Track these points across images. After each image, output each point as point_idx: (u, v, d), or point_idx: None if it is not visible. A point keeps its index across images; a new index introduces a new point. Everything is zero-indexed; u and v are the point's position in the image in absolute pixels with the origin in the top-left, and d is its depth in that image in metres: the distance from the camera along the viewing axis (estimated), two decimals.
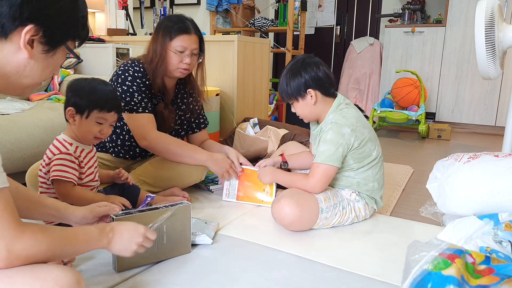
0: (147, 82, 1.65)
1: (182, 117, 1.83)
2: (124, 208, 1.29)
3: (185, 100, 1.82)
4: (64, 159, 1.29)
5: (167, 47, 1.61)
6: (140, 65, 1.66)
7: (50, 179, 1.28)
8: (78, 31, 0.84)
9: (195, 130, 1.92)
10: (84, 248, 0.92)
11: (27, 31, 0.74)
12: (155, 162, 1.72)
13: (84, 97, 1.29)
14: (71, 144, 1.33)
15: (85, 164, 1.36)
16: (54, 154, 1.30)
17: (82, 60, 0.92)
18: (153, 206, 1.23)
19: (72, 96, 1.31)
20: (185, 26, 1.62)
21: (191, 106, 1.85)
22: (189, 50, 1.63)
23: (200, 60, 1.72)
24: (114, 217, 1.11)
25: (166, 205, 1.20)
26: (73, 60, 0.89)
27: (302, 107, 1.53)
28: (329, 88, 1.52)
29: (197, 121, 1.92)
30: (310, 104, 1.50)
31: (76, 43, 0.86)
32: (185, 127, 1.88)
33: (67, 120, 1.35)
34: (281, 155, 1.80)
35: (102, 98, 1.31)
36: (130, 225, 1.01)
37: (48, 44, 0.78)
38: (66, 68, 0.93)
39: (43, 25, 0.76)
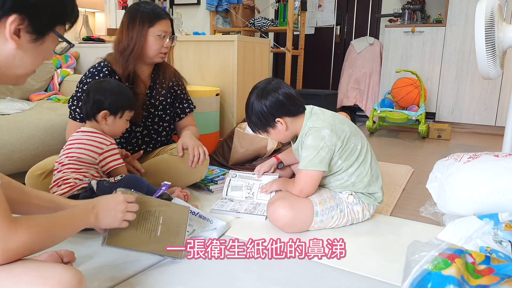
0: (104, 70, 1.69)
1: (164, 102, 1.81)
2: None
3: (164, 85, 1.81)
4: (116, 149, 1.48)
5: (147, 33, 1.65)
6: (102, 65, 1.70)
7: (115, 167, 1.46)
8: (67, 15, 0.81)
9: (181, 115, 1.90)
10: (73, 229, 0.94)
11: (11, 21, 0.72)
12: (155, 161, 1.72)
13: (117, 99, 1.47)
14: (108, 136, 1.48)
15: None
16: (106, 145, 1.45)
17: (73, 45, 0.87)
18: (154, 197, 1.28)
19: (106, 99, 1.45)
20: (162, 11, 1.69)
21: (172, 91, 1.85)
22: (168, 34, 1.70)
23: (174, 44, 1.76)
24: (119, 189, 1.15)
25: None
26: (65, 45, 0.85)
27: (276, 135, 1.53)
28: (295, 109, 1.49)
29: (181, 106, 1.89)
30: (283, 131, 1.50)
31: (67, 27, 0.83)
32: (168, 112, 1.84)
33: (94, 120, 1.47)
34: (275, 156, 1.81)
35: (130, 98, 1.51)
36: (109, 197, 1.05)
37: (35, 32, 0.76)
38: (59, 54, 0.90)
39: (28, 14, 0.74)
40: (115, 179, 1.38)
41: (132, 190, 1.17)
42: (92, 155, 1.43)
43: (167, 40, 1.69)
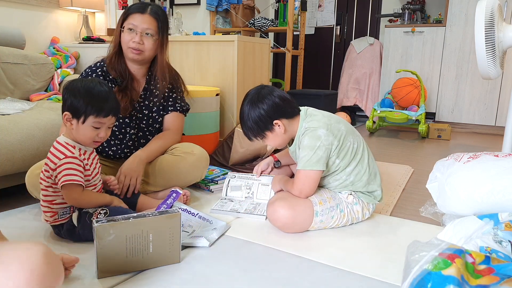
0: (97, 70, 1.69)
1: (158, 103, 1.78)
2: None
3: (158, 85, 1.76)
4: (72, 163, 1.26)
5: (121, 26, 1.64)
6: (98, 65, 1.71)
7: (60, 185, 1.25)
8: None
9: (161, 112, 1.79)
10: None
11: None
12: (154, 161, 1.72)
13: (79, 101, 1.25)
14: (74, 147, 1.30)
15: (90, 166, 1.34)
16: (60, 159, 1.27)
17: None
18: (141, 213, 1.19)
19: (67, 98, 1.28)
20: (140, 6, 1.63)
21: (166, 92, 1.80)
22: (140, 28, 1.61)
23: (151, 42, 1.64)
24: (96, 224, 1.08)
25: (153, 213, 1.17)
26: None
27: (274, 139, 1.52)
28: (291, 111, 1.49)
29: (165, 103, 1.79)
30: (281, 134, 1.49)
31: None
32: (161, 113, 1.80)
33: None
34: (272, 155, 1.82)
35: (98, 102, 1.27)
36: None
37: None
38: None
39: None
40: (99, 215, 1.28)
41: (110, 221, 1.10)
42: (50, 172, 1.28)
43: (136, 35, 1.61)
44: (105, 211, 1.30)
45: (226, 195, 1.77)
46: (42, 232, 1.42)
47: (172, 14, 3.67)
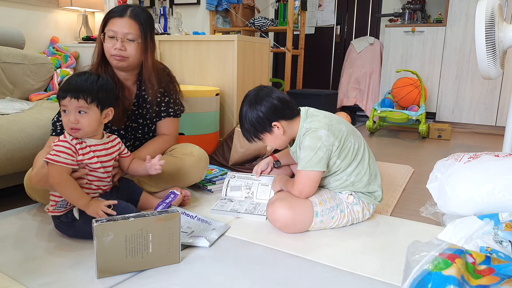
0: None
1: (150, 110, 1.72)
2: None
3: (150, 91, 1.68)
4: (59, 145, 1.29)
5: (101, 33, 1.56)
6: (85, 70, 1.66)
7: (44, 160, 1.28)
8: None
9: (154, 119, 1.74)
10: None
11: None
12: None
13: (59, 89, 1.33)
14: (70, 134, 1.33)
15: (84, 155, 1.31)
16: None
17: None
18: (140, 213, 1.18)
19: None
20: (120, 10, 1.54)
21: (159, 98, 1.73)
22: (120, 34, 1.52)
23: (133, 48, 1.55)
24: (95, 223, 1.08)
25: (153, 213, 1.16)
26: None
27: (273, 140, 1.52)
28: (290, 113, 1.48)
29: (157, 109, 1.72)
30: (280, 135, 1.49)
31: None
32: (155, 120, 1.76)
33: None
34: (272, 155, 1.82)
35: (63, 86, 1.30)
36: None
37: None
38: None
39: None
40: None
41: (110, 221, 1.10)
42: None
43: (117, 41, 1.52)
44: (109, 204, 1.30)
45: (225, 195, 1.76)
46: (42, 231, 1.41)
47: (172, 14, 3.67)
